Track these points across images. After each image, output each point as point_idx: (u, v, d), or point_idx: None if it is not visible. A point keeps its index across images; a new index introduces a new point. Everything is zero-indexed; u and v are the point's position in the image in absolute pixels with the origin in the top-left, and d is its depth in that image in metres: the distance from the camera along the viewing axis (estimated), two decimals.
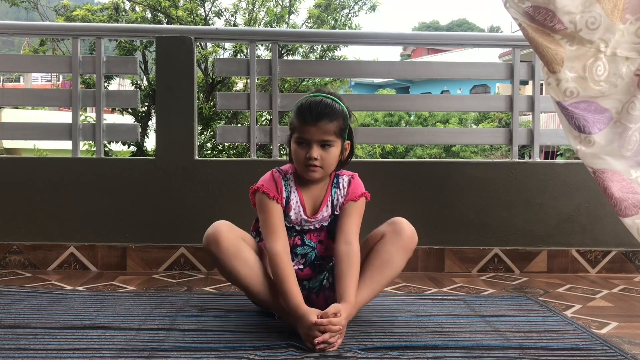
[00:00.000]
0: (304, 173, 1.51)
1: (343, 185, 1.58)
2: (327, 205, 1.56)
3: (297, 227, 1.56)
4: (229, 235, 1.47)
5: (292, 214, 1.54)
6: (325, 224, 1.58)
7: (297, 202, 1.54)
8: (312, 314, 1.36)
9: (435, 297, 1.88)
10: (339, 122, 1.47)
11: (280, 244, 1.47)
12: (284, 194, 1.53)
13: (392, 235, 1.53)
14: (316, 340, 1.32)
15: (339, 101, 1.51)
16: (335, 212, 1.57)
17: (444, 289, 2.05)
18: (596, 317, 1.72)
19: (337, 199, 1.57)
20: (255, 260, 1.50)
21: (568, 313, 1.75)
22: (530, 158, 2.47)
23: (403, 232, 1.53)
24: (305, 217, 1.55)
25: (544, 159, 10.61)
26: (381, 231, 1.56)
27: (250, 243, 1.55)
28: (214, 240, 1.47)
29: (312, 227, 1.57)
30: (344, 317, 1.37)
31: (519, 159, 2.43)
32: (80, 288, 1.98)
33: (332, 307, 1.37)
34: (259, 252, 1.55)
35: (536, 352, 1.36)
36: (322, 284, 1.61)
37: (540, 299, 1.90)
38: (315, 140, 1.46)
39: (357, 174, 1.62)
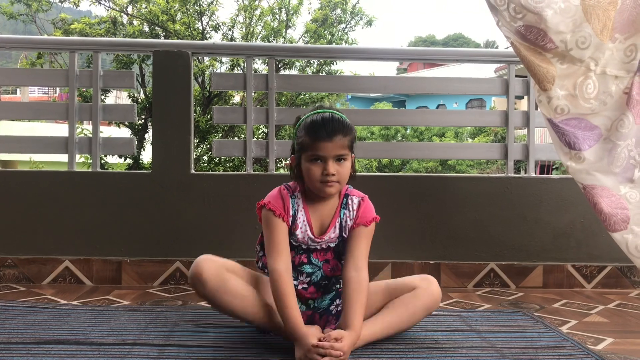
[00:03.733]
0: (320, 190, 1.47)
1: (352, 207, 1.54)
2: (335, 227, 1.53)
3: (304, 246, 1.53)
4: (213, 272, 1.43)
5: (298, 232, 1.50)
6: (332, 244, 1.54)
7: (304, 220, 1.50)
8: (312, 337, 1.33)
9: (431, 313, 1.87)
10: (351, 136, 1.47)
11: (282, 263, 1.44)
12: (291, 212, 1.49)
13: (424, 292, 1.54)
14: None
15: (344, 115, 1.51)
16: (344, 234, 1.53)
17: (440, 304, 2.05)
18: (592, 333, 1.72)
19: (346, 221, 1.53)
20: (245, 289, 1.46)
21: (564, 329, 1.75)
22: (525, 173, 2.48)
23: (435, 294, 1.55)
24: (312, 237, 1.51)
25: (540, 172, 10.65)
26: (414, 283, 1.55)
27: (238, 270, 1.50)
28: (198, 281, 1.43)
29: (318, 247, 1.54)
30: (347, 344, 1.33)
31: (514, 173, 2.45)
32: (74, 302, 1.97)
33: (336, 332, 1.34)
34: (249, 277, 1.52)
35: None
36: (328, 307, 1.57)
37: (536, 314, 1.90)
38: (332, 156, 1.44)
39: (367, 196, 1.58)
